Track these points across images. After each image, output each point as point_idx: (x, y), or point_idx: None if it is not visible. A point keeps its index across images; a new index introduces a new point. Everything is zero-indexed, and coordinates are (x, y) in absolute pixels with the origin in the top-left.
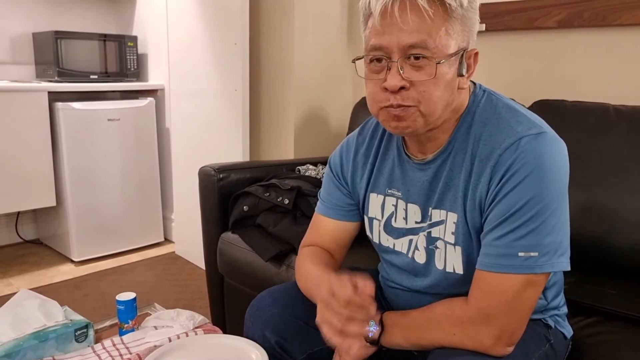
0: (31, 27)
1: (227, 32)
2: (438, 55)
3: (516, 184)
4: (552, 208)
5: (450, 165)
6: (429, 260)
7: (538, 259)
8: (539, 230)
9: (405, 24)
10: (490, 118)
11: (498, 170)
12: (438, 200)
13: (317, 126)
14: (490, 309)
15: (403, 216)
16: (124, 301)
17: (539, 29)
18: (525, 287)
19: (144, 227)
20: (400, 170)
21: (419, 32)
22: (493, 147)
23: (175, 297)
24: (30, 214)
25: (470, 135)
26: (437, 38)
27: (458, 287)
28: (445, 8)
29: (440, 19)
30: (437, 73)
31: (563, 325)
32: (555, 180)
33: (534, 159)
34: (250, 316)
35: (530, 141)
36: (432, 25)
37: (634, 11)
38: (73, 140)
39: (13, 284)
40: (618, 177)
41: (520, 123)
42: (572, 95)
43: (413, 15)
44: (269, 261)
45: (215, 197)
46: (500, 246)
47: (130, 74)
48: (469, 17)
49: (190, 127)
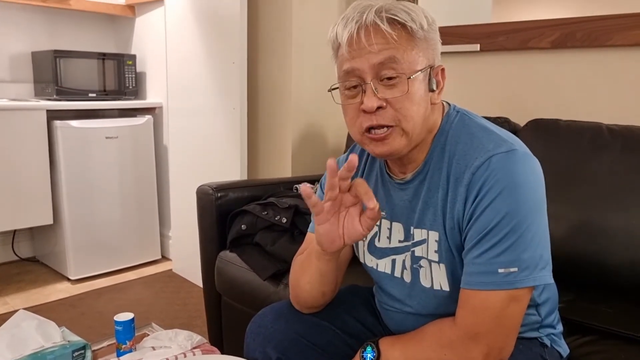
0: (30, 46)
1: (225, 51)
2: (408, 71)
3: (490, 202)
4: (527, 223)
5: (428, 184)
6: (414, 280)
7: (518, 274)
8: (516, 246)
9: (372, 46)
10: (463, 137)
11: (472, 189)
12: (418, 219)
13: (314, 144)
14: (476, 326)
15: (387, 235)
16: (122, 322)
17: (533, 50)
18: (509, 302)
19: (141, 244)
20: (383, 190)
21: (387, 50)
22: (466, 166)
23: (173, 316)
24: (27, 231)
25: (444, 155)
26: (404, 54)
27: (447, 306)
28: (407, 30)
29: (405, 39)
30: (409, 89)
31: (559, 344)
32: (528, 196)
33: (505, 176)
34: (251, 332)
35: (501, 159)
36: (398, 45)
37: (625, 32)
38: (71, 158)
39: (9, 303)
40: (613, 196)
41: (492, 141)
42: (565, 114)
43: (378, 38)
44: (267, 280)
45: (213, 216)
46: (480, 264)
47: (128, 92)
48: (431, 37)
49: (188, 145)
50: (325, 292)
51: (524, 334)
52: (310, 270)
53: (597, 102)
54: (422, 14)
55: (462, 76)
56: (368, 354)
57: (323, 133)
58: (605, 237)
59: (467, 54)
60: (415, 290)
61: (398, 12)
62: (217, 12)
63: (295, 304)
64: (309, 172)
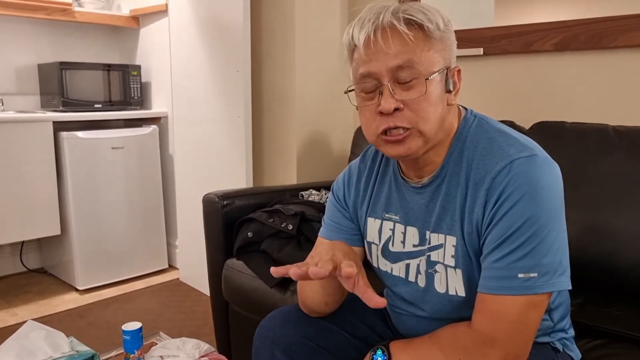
0: (36, 58)
1: (229, 60)
2: (425, 72)
3: (511, 207)
4: (548, 228)
5: (446, 189)
6: (428, 285)
7: (538, 280)
8: (536, 251)
9: (389, 48)
10: (482, 141)
11: (492, 193)
12: (435, 224)
13: (319, 151)
14: (494, 331)
15: (401, 240)
16: (130, 331)
17: (536, 52)
18: (528, 308)
19: (148, 254)
20: (397, 194)
21: (404, 53)
22: (486, 171)
23: (181, 325)
24: (34, 242)
25: (462, 159)
26: (422, 56)
27: (462, 310)
28: (424, 31)
29: (421, 40)
30: (427, 89)
31: (571, 349)
32: (549, 201)
33: (526, 181)
34: (260, 336)
35: (522, 164)
36: (415, 46)
37: (629, 33)
38: (78, 169)
39: (18, 314)
40: (621, 198)
41: (512, 146)
42: (571, 116)
43: (395, 39)
44: (274, 287)
45: (219, 224)
46: (500, 268)
47: (134, 103)
48: (447, 37)
49: (193, 154)
50: (328, 302)
51: (536, 339)
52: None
53: (603, 104)
54: (438, 14)
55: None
56: (378, 357)
57: (328, 139)
58: (614, 239)
59: (470, 57)
60: (428, 294)
61: (415, 12)
62: (220, 21)
63: (303, 308)
64: (315, 178)
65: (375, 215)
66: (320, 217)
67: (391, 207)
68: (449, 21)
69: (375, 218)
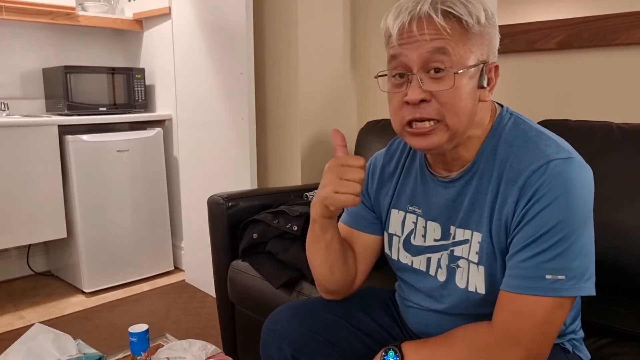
0: (41, 62)
1: (232, 62)
2: (457, 65)
3: (544, 207)
4: (578, 232)
5: (476, 186)
6: (448, 279)
7: (565, 282)
8: (566, 254)
9: (423, 35)
10: (517, 140)
11: (525, 192)
12: (463, 219)
13: (323, 152)
14: (518, 331)
15: (422, 234)
16: (137, 333)
17: (540, 51)
18: (554, 309)
19: (154, 256)
20: (422, 187)
21: (438, 40)
22: (521, 170)
23: (187, 326)
24: (41, 246)
25: (496, 157)
26: (456, 48)
27: (479, 307)
28: (462, 24)
29: (458, 33)
30: (455, 83)
31: (581, 349)
32: (582, 206)
33: (562, 182)
34: (267, 329)
35: (558, 165)
36: (450, 38)
37: (633, 30)
38: (83, 172)
39: (25, 317)
40: (627, 195)
41: (549, 146)
42: (575, 114)
43: (430, 29)
44: (280, 288)
45: (224, 226)
46: (528, 268)
47: (138, 105)
48: (487, 32)
49: (198, 156)
50: (333, 268)
51: None
52: (317, 245)
53: (607, 102)
54: (480, 6)
55: None
56: (390, 358)
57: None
58: (620, 237)
59: None
60: (447, 289)
61: (455, 4)
62: (223, 23)
63: (318, 288)
64: (319, 179)
65: (400, 207)
66: None
67: (415, 200)
68: (493, 15)
69: (399, 210)
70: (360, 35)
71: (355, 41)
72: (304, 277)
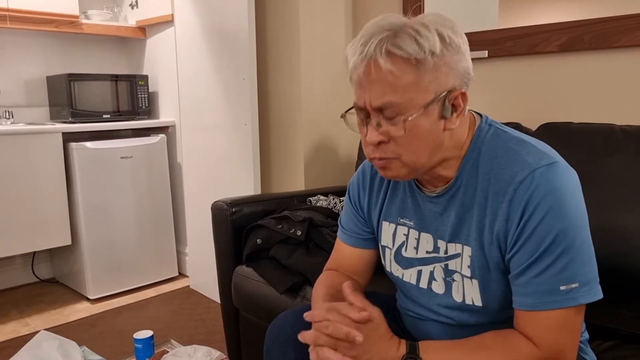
0: (45, 70)
1: (235, 68)
2: (407, 109)
3: (539, 221)
4: (580, 237)
5: (461, 200)
6: (447, 292)
7: (580, 289)
8: (575, 262)
9: (371, 84)
10: (498, 150)
11: (516, 205)
12: (452, 233)
13: (326, 157)
14: (559, 345)
15: (414, 245)
16: (142, 339)
17: (541, 54)
18: (576, 315)
19: (158, 262)
20: (411, 200)
21: (384, 94)
22: (506, 181)
23: (191, 332)
24: (46, 253)
25: (479, 170)
26: (405, 94)
27: (477, 318)
28: (411, 63)
29: (408, 74)
30: (407, 129)
31: (586, 352)
32: (576, 210)
33: (551, 191)
34: (271, 334)
35: (544, 173)
36: (398, 83)
37: (633, 33)
38: (87, 179)
39: (30, 324)
40: (629, 198)
41: (530, 154)
42: (577, 117)
43: (378, 74)
44: (284, 293)
45: (228, 231)
46: (541, 283)
47: (141, 112)
48: (446, 61)
49: (201, 162)
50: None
51: None
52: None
53: (609, 104)
54: (435, 34)
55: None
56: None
57: (335, 145)
58: (623, 239)
59: (475, 60)
60: (445, 302)
61: (403, 41)
62: (225, 29)
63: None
64: (322, 184)
65: (390, 220)
66: (328, 222)
67: (405, 213)
68: (454, 35)
69: (390, 222)
70: None
71: None
72: (308, 282)
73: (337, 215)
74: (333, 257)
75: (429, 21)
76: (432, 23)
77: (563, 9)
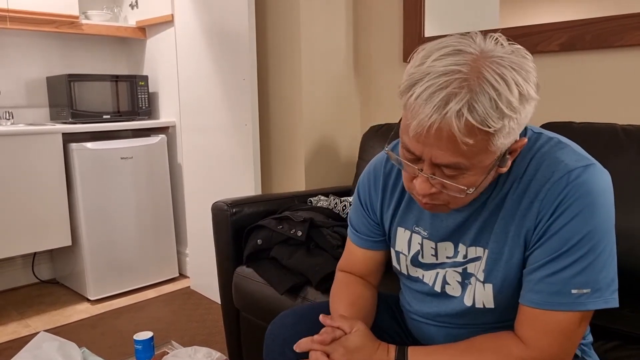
0: (45, 71)
1: (235, 68)
2: (471, 169)
3: (569, 219)
4: (604, 243)
5: (490, 207)
6: (461, 296)
7: (590, 296)
8: (592, 267)
9: (440, 142)
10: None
11: (548, 203)
12: (475, 237)
13: (327, 157)
14: (552, 348)
15: (432, 254)
16: (142, 340)
17: (542, 53)
18: (580, 322)
19: (159, 263)
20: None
21: (453, 156)
22: (541, 182)
23: (192, 333)
24: (46, 254)
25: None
26: (474, 157)
27: (485, 317)
28: (488, 133)
29: (483, 142)
30: (464, 184)
31: (589, 354)
32: (606, 215)
33: (586, 193)
34: (271, 333)
35: (580, 174)
36: (471, 150)
37: (635, 32)
38: (87, 180)
39: (31, 325)
40: (632, 197)
41: (566, 154)
42: (579, 116)
43: (451, 139)
44: (285, 294)
45: (228, 232)
46: (554, 283)
47: (142, 113)
48: (517, 121)
49: (201, 163)
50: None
51: None
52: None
53: (611, 103)
54: (515, 95)
55: None
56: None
57: (335, 145)
58: (626, 239)
59: None
60: (450, 307)
61: (484, 107)
62: (226, 30)
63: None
64: (323, 184)
65: (406, 226)
66: (329, 223)
67: (422, 222)
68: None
69: (405, 228)
70: (363, 40)
71: (358, 46)
72: (309, 283)
73: (338, 216)
74: (345, 258)
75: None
76: (509, 73)
77: (564, 8)
